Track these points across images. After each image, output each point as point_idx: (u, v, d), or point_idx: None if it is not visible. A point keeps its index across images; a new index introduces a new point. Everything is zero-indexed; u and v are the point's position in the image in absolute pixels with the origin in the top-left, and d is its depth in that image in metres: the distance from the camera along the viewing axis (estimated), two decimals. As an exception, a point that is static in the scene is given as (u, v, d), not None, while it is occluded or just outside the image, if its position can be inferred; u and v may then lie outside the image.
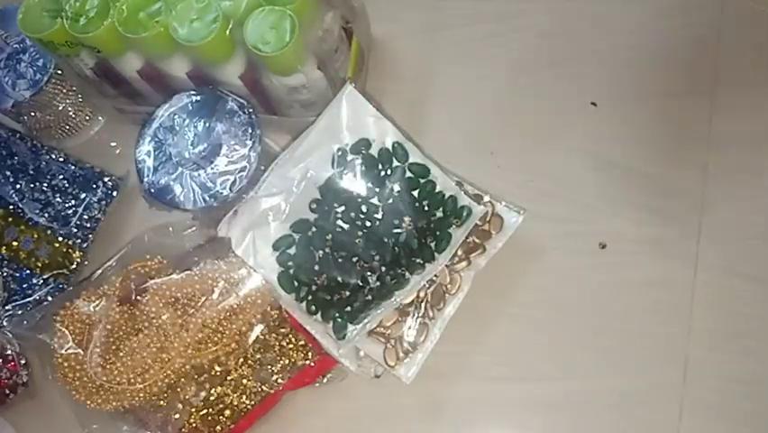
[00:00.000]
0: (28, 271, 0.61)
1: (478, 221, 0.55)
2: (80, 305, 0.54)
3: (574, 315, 0.55)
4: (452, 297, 0.55)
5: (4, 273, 0.61)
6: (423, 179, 0.56)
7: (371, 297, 0.54)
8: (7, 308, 0.60)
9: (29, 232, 0.62)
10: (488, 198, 0.57)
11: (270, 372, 0.54)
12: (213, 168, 0.54)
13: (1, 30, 0.63)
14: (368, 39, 0.63)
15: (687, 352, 0.53)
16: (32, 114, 0.63)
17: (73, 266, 0.61)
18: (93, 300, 0.55)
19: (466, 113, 0.63)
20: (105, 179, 0.63)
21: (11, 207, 0.62)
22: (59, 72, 0.62)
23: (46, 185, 0.63)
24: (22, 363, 0.57)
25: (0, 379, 0.56)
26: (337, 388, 0.56)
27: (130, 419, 0.54)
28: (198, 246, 0.56)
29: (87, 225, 0.62)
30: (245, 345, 0.54)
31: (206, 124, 0.55)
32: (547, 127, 0.61)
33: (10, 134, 0.64)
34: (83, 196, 0.62)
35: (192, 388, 0.54)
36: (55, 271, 0.61)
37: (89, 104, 0.66)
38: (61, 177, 0.63)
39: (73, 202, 0.62)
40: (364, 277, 0.54)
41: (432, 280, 0.55)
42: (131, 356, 0.53)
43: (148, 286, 0.54)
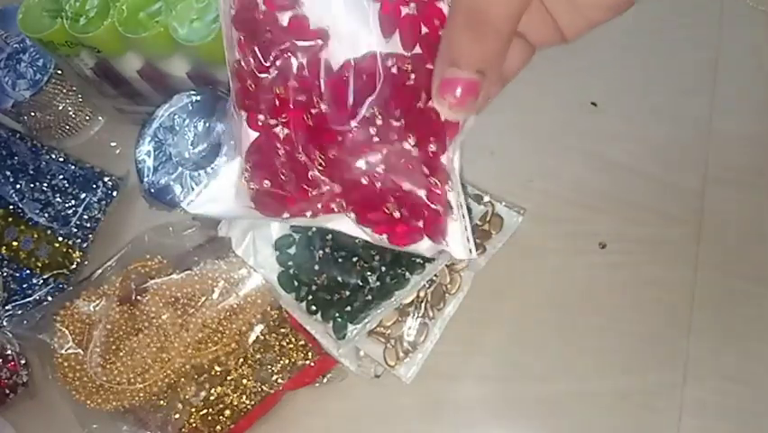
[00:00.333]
0: (28, 271, 0.61)
1: (478, 221, 0.55)
2: (80, 305, 0.54)
3: (574, 315, 0.55)
4: (452, 297, 0.55)
5: (4, 273, 0.61)
6: (423, 178, 0.56)
7: (371, 297, 0.54)
8: (7, 308, 0.60)
9: (29, 232, 0.62)
10: (488, 198, 0.57)
11: (270, 372, 0.54)
12: (213, 168, 0.54)
13: (1, 30, 0.63)
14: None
15: (687, 352, 0.53)
16: (32, 114, 0.63)
17: (73, 266, 0.61)
18: (93, 300, 0.54)
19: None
20: (105, 179, 0.63)
21: (11, 207, 0.62)
22: (59, 72, 0.62)
23: (46, 185, 0.62)
24: (22, 363, 0.57)
25: (0, 379, 0.56)
26: (337, 388, 0.56)
27: (130, 419, 0.54)
28: (198, 246, 0.56)
29: (87, 225, 0.62)
30: (245, 345, 0.54)
31: (206, 124, 0.55)
32: (547, 127, 0.61)
33: (10, 134, 0.64)
34: (83, 196, 0.62)
35: (192, 388, 0.54)
36: (55, 271, 0.61)
37: (89, 104, 0.66)
38: (61, 177, 0.63)
39: (73, 202, 0.62)
40: (364, 277, 0.54)
41: (432, 280, 0.55)
42: (131, 356, 0.53)
43: (148, 286, 0.54)
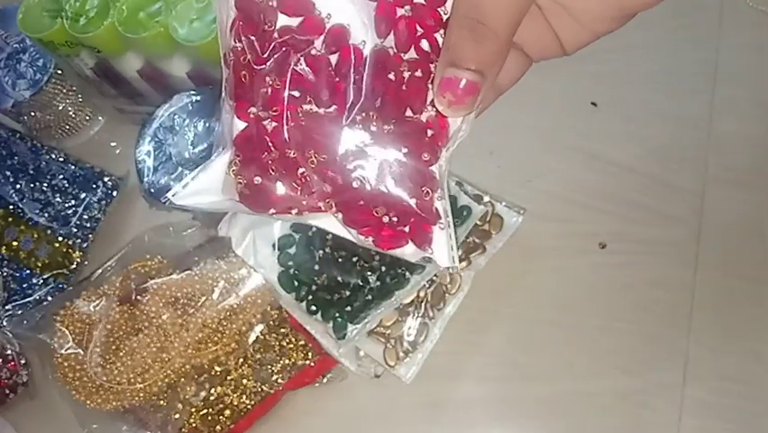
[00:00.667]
0: (28, 271, 0.61)
1: (478, 221, 0.55)
2: (80, 305, 0.54)
3: (574, 315, 0.55)
4: (452, 297, 0.55)
5: (4, 273, 0.61)
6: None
7: (371, 297, 0.54)
8: (7, 308, 0.60)
9: (29, 232, 0.62)
10: (488, 198, 0.57)
11: (270, 372, 0.54)
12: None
13: (1, 30, 0.63)
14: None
15: (687, 352, 0.53)
16: (32, 114, 0.63)
17: (73, 266, 0.61)
18: (93, 300, 0.54)
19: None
20: (105, 179, 0.63)
21: (11, 207, 0.62)
22: (59, 72, 0.62)
23: (46, 185, 0.62)
24: (22, 363, 0.57)
25: (0, 379, 0.56)
26: (337, 388, 0.56)
27: (130, 418, 0.54)
28: (198, 246, 0.56)
29: (87, 225, 0.62)
30: (245, 345, 0.54)
31: (206, 124, 0.55)
32: (547, 127, 0.61)
33: (10, 134, 0.64)
34: (83, 196, 0.62)
35: (192, 388, 0.54)
36: (55, 271, 0.61)
37: (89, 104, 0.66)
38: (61, 177, 0.63)
39: (73, 202, 0.62)
40: (364, 277, 0.54)
41: (432, 280, 0.55)
42: (131, 356, 0.53)
43: (148, 286, 0.54)
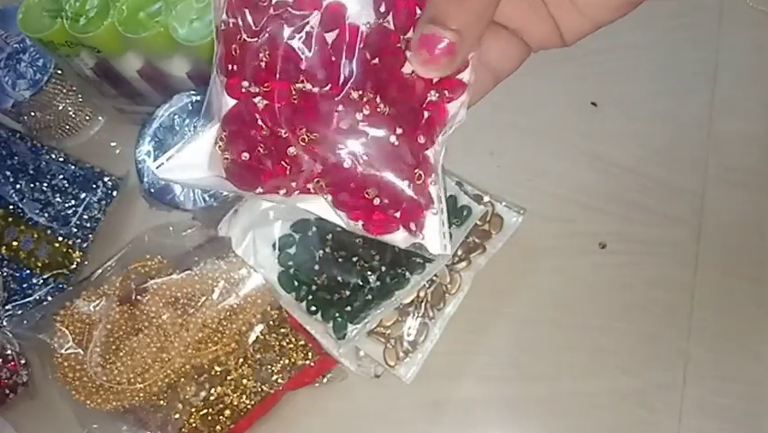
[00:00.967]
0: (28, 271, 0.61)
1: (478, 221, 0.55)
2: (80, 305, 0.54)
3: (574, 315, 0.55)
4: (452, 297, 0.55)
5: (4, 273, 0.61)
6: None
7: (371, 296, 0.54)
8: (7, 308, 0.60)
9: (29, 232, 0.62)
10: (488, 198, 0.57)
11: (270, 372, 0.54)
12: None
13: (1, 30, 0.63)
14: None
15: (687, 352, 0.53)
16: (32, 114, 0.63)
17: (73, 266, 0.61)
18: (93, 300, 0.54)
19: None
20: (105, 179, 0.63)
21: (11, 207, 0.62)
22: (59, 72, 0.62)
23: (46, 185, 0.62)
24: (22, 363, 0.57)
25: (0, 379, 0.56)
26: (337, 388, 0.56)
27: (130, 418, 0.54)
28: (198, 246, 0.56)
29: (87, 225, 0.62)
30: (245, 345, 0.54)
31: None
32: (547, 127, 0.61)
33: (10, 134, 0.64)
34: (83, 196, 0.62)
35: (192, 388, 0.54)
36: (55, 271, 0.61)
37: (89, 104, 0.66)
38: (61, 177, 0.63)
39: (73, 202, 0.62)
40: (364, 277, 0.54)
41: (432, 280, 0.55)
42: (131, 356, 0.53)
43: (148, 286, 0.54)
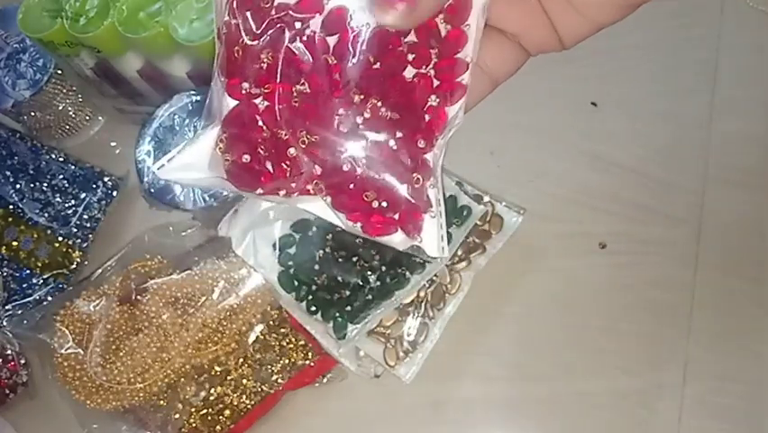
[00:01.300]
0: (28, 271, 0.61)
1: (478, 221, 0.55)
2: (80, 305, 0.54)
3: (574, 315, 0.55)
4: (452, 297, 0.55)
5: (4, 273, 0.61)
6: (423, 178, 0.56)
7: (371, 296, 0.54)
8: (7, 308, 0.60)
9: (29, 232, 0.62)
10: (488, 198, 0.57)
11: (270, 372, 0.54)
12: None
13: (1, 30, 0.63)
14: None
15: (687, 352, 0.53)
16: (32, 114, 0.63)
17: (73, 266, 0.61)
18: (93, 300, 0.54)
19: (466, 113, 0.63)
20: (105, 179, 0.63)
21: (11, 207, 0.62)
22: (59, 72, 0.62)
23: (46, 185, 0.62)
24: (22, 363, 0.57)
25: (0, 379, 0.56)
26: (337, 388, 0.56)
27: (130, 418, 0.54)
28: (198, 246, 0.56)
29: (87, 224, 0.62)
30: (245, 345, 0.54)
31: (206, 124, 0.55)
32: (548, 127, 0.61)
33: (10, 134, 0.64)
34: (83, 196, 0.62)
35: (192, 388, 0.54)
36: (55, 271, 0.61)
37: (89, 104, 0.66)
38: (61, 177, 0.63)
39: (73, 202, 0.62)
40: (364, 276, 0.54)
41: (432, 280, 0.55)
42: (131, 356, 0.53)
43: (148, 286, 0.54)
